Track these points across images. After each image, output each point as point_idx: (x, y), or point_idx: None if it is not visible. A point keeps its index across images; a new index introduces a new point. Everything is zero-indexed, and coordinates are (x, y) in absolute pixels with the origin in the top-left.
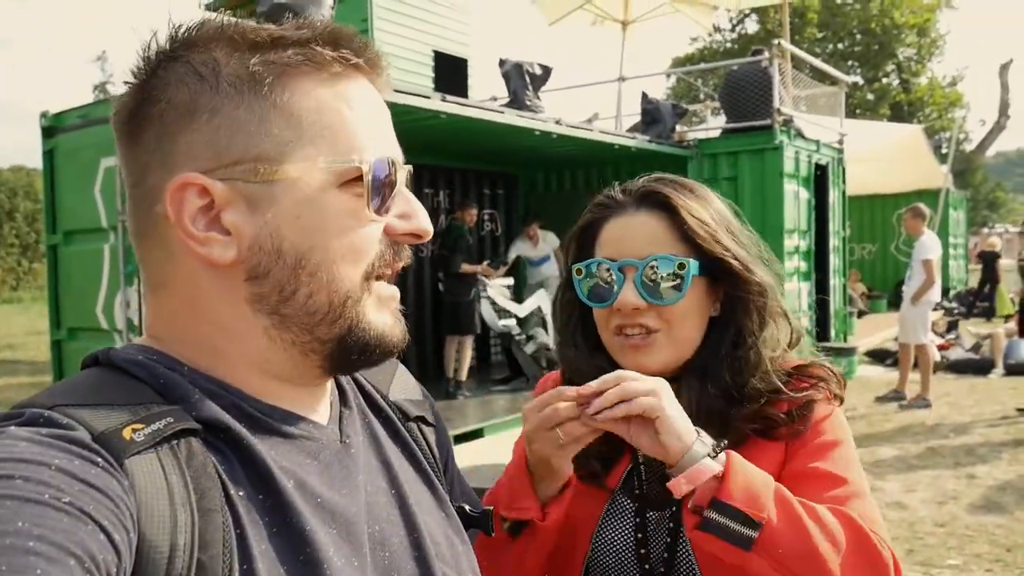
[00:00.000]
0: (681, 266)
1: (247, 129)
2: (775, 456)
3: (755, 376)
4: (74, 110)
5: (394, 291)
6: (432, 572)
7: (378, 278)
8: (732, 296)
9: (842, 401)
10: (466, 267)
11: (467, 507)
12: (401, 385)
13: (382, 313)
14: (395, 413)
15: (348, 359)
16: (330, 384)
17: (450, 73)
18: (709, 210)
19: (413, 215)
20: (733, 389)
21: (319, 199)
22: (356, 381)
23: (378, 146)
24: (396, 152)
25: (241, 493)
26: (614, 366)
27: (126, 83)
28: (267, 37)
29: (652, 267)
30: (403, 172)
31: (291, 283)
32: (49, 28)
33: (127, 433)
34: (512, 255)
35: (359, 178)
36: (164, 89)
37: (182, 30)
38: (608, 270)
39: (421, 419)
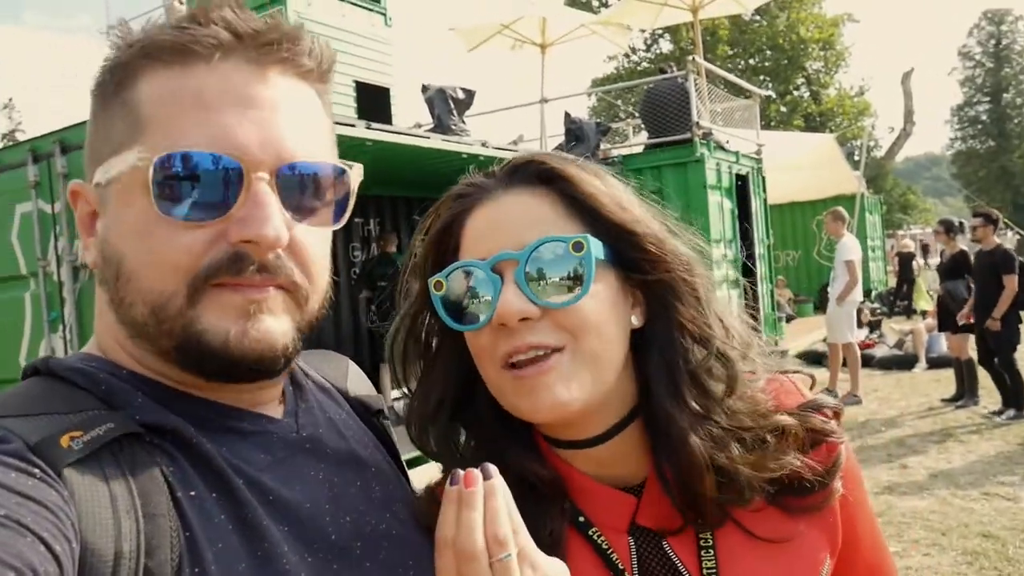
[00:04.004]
0: (578, 246)
1: (101, 133)
2: (821, 538)
3: (732, 394)
4: None
5: (243, 299)
6: (403, 560)
7: (222, 287)
8: (655, 288)
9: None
10: None
11: None
12: (356, 382)
13: (228, 321)
14: (357, 408)
15: (211, 369)
16: (280, 380)
17: (373, 103)
18: (602, 180)
19: (251, 219)
20: (710, 423)
21: (131, 201)
22: (313, 379)
23: (203, 138)
24: (250, 143)
25: (192, 493)
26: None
27: None
28: (133, 36)
29: (538, 256)
30: (263, 166)
31: (117, 291)
32: None
33: (64, 441)
34: None
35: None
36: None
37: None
38: (480, 274)
39: (380, 412)
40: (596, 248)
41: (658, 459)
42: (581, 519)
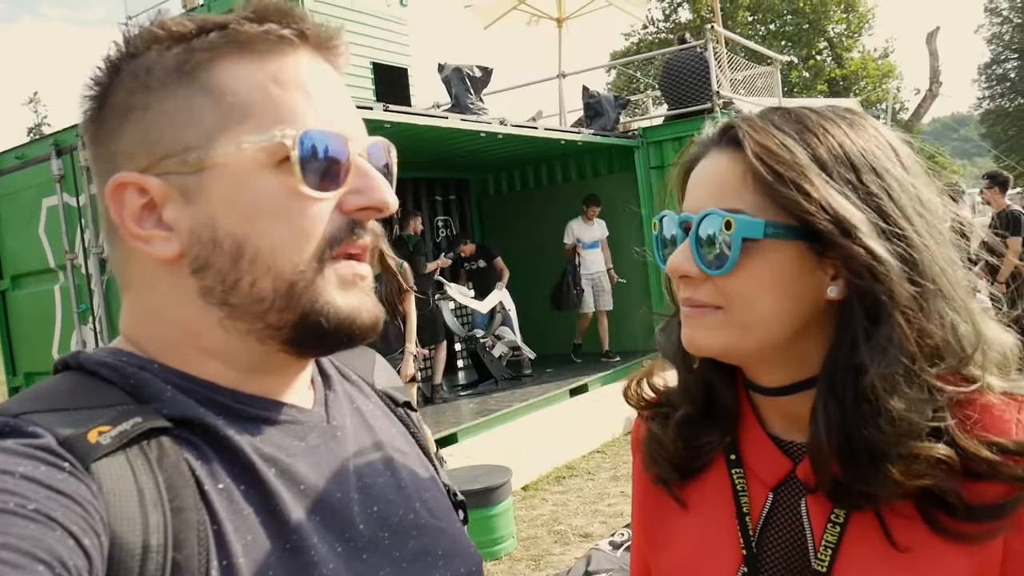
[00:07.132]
0: (727, 224)
1: (175, 121)
2: (966, 568)
3: (903, 387)
4: (10, 152)
5: (360, 270)
6: (432, 549)
7: (338, 258)
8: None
9: None
10: (430, 265)
11: (451, 488)
12: (383, 373)
13: (347, 294)
14: (384, 400)
15: (313, 343)
16: (310, 369)
17: (390, 83)
18: (813, 144)
19: (369, 188)
20: (872, 399)
21: (252, 182)
22: (340, 370)
23: (314, 119)
24: (345, 124)
25: (220, 486)
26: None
27: (85, 93)
28: (192, 26)
29: (705, 224)
30: (357, 144)
31: (233, 272)
32: None
33: (92, 436)
34: (567, 236)
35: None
36: (108, 96)
37: (128, 39)
38: (672, 226)
39: (407, 404)
40: (747, 227)
41: (814, 429)
42: (732, 456)
